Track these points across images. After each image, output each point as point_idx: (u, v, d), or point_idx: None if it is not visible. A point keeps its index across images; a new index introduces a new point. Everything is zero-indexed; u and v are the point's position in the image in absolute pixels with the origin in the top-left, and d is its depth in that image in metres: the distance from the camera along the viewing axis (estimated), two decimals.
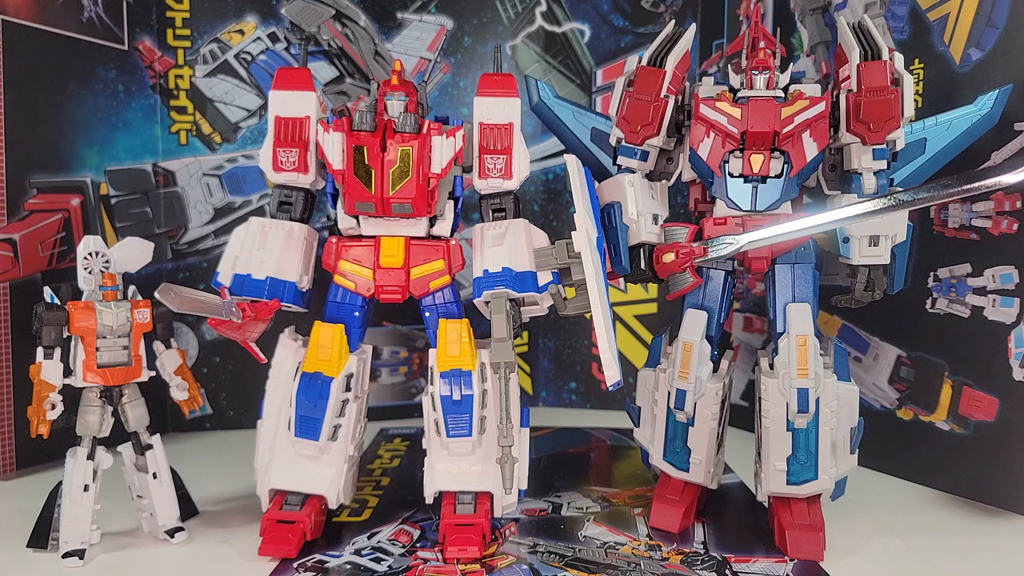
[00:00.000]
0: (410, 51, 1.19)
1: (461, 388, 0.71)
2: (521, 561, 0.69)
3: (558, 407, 1.30)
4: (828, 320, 1.01)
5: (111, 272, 0.70)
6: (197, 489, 0.81)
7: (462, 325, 0.73)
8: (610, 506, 0.83)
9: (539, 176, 1.27)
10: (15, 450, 0.92)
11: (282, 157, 0.74)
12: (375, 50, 1.17)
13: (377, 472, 0.95)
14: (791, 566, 0.68)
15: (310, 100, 0.75)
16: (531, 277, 0.72)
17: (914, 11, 0.88)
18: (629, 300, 1.26)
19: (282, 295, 0.72)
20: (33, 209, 0.95)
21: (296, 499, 0.73)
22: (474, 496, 0.73)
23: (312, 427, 0.71)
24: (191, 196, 1.11)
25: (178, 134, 1.11)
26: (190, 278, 1.12)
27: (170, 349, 0.76)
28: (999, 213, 0.81)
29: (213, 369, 1.13)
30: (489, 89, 0.75)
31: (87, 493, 0.69)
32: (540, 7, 1.25)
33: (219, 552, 0.72)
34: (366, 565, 0.69)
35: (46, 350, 0.69)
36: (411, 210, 0.72)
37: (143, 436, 0.73)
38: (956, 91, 0.85)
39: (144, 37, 1.08)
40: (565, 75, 1.26)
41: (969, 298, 0.84)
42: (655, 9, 1.21)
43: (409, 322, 1.20)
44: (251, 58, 1.12)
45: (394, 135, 0.71)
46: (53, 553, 0.70)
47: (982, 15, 0.82)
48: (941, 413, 0.88)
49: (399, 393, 1.21)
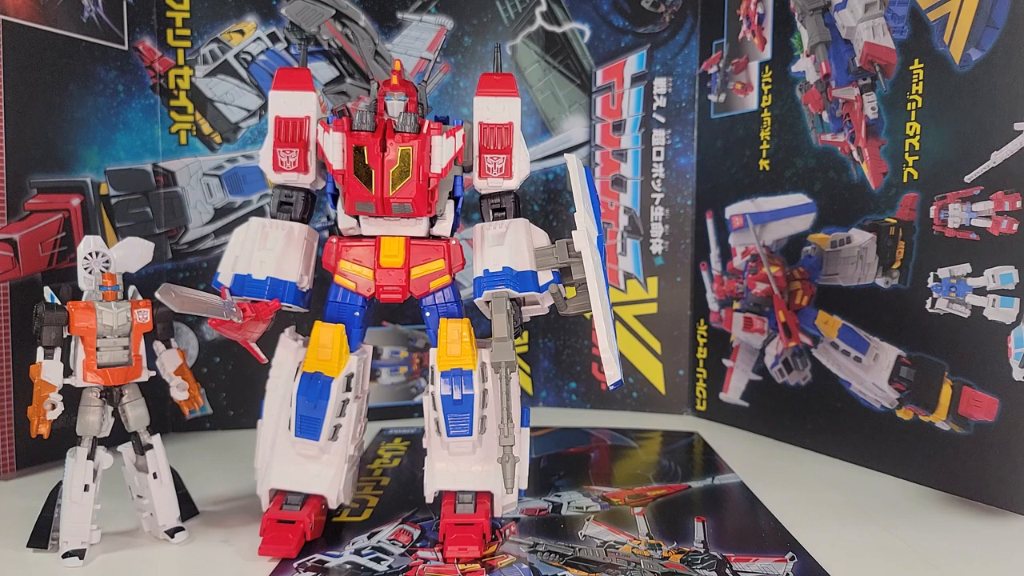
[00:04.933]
0: (410, 51, 1.19)
1: (462, 388, 0.71)
2: (521, 560, 0.69)
3: (558, 407, 1.30)
4: (828, 320, 1.01)
5: (111, 272, 0.70)
6: (197, 489, 0.81)
7: (463, 325, 0.73)
8: (610, 506, 0.83)
9: (539, 176, 1.27)
10: (15, 450, 0.92)
11: (282, 157, 0.74)
12: (375, 50, 1.17)
13: (377, 472, 0.95)
14: (791, 566, 0.69)
15: (310, 100, 0.75)
16: (532, 276, 0.72)
17: (914, 11, 0.88)
18: (629, 300, 1.26)
19: (282, 295, 0.72)
20: (33, 209, 0.95)
21: (296, 499, 0.73)
22: (474, 496, 0.73)
23: (312, 427, 0.71)
24: (191, 196, 1.11)
25: (178, 134, 1.11)
26: (190, 278, 1.12)
27: (170, 349, 0.76)
28: (999, 213, 0.81)
29: (213, 369, 1.13)
30: (489, 89, 0.75)
31: (87, 493, 0.69)
32: (540, 7, 1.25)
33: (219, 552, 0.72)
34: (366, 565, 0.68)
35: (46, 350, 0.69)
36: (411, 210, 0.72)
37: (143, 436, 0.73)
38: (956, 91, 0.85)
39: (144, 37, 1.08)
40: (565, 75, 1.26)
41: (969, 298, 0.84)
42: (655, 9, 1.21)
43: (409, 322, 1.20)
44: (251, 58, 1.12)
45: (394, 135, 0.71)
46: (53, 553, 0.70)
47: (982, 15, 0.82)
48: (941, 413, 0.88)
49: (399, 393, 1.21)
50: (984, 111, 0.82)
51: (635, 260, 1.25)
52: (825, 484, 0.91)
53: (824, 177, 1.01)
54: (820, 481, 0.92)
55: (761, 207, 1.10)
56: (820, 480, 0.92)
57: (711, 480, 0.92)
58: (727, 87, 1.15)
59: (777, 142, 1.07)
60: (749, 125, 1.11)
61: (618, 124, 1.24)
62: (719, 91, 1.16)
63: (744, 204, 1.13)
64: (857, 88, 0.96)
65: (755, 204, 1.11)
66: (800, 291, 1.05)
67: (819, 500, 0.85)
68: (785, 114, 1.06)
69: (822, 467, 0.97)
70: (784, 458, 1.01)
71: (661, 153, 1.23)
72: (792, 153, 1.05)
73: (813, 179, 1.02)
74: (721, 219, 1.17)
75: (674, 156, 1.22)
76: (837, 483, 0.91)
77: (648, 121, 1.23)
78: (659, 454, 1.04)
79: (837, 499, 0.86)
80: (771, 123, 1.08)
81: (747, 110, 1.12)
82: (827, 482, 0.91)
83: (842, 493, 0.87)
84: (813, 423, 1.04)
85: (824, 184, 1.01)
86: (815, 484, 0.91)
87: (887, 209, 0.93)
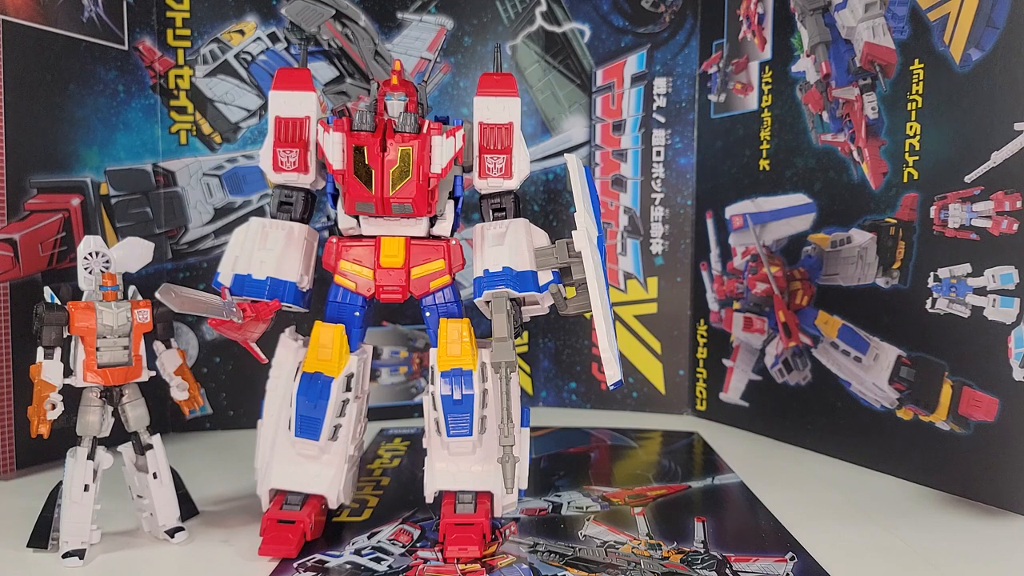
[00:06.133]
0: (410, 51, 1.19)
1: (462, 388, 0.71)
2: (521, 560, 0.69)
3: (558, 407, 1.30)
4: (828, 320, 1.01)
5: (111, 272, 0.70)
6: (197, 489, 0.81)
7: (463, 325, 0.73)
8: (610, 505, 0.83)
9: (539, 176, 1.27)
10: (15, 450, 0.92)
11: (282, 157, 0.74)
12: (375, 50, 1.17)
13: (377, 472, 0.95)
14: (791, 566, 0.68)
15: (310, 100, 0.75)
16: (532, 276, 0.72)
17: (914, 11, 0.88)
18: (629, 300, 1.26)
19: (282, 295, 0.72)
20: (33, 209, 0.95)
21: (296, 499, 0.73)
22: (474, 496, 0.73)
23: (312, 427, 0.71)
24: (191, 196, 1.11)
25: (178, 134, 1.11)
26: (190, 278, 1.12)
27: (170, 349, 0.76)
28: (999, 213, 0.81)
29: (213, 369, 1.13)
30: (489, 89, 0.75)
31: (87, 493, 0.69)
32: (540, 7, 1.25)
33: (219, 552, 0.72)
34: (366, 565, 0.68)
35: (46, 350, 0.69)
36: (411, 210, 0.72)
37: (143, 436, 0.73)
38: (956, 91, 0.85)
39: (144, 37, 1.08)
40: (565, 75, 1.26)
41: (969, 298, 0.84)
42: (655, 9, 1.21)
43: (409, 322, 1.20)
44: (251, 58, 1.12)
45: (394, 135, 0.71)
46: (53, 553, 0.70)
47: (982, 15, 0.82)
48: (941, 413, 0.88)
49: (399, 393, 1.21)
50: (984, 111, 0.82)
51: (635, 260, 1.25)
52: (825, 484, 0.91)
53: (824, 177, 1.01)
54: (820, 481, 0.92)
55: (761, 207, 1.10)
56: (820, 480, 0.92)
57: (711, 480, 0.92)
58: (727, 87, 1.15)
59: (777, 142, 1.07)
60: (749, 125, 1.11)
61: (618, 124, 1.24)
62: (719, 91, 1.16)
63: (744, 204, 1.13)
64: (857, 88, 0.96)
65: (755, 204, 1.11)
66: (800, 291, 1.05)
67: (819, 500, 0.85)
68: (785, 114, 1.06)
69: (822, 467, 0.97)
70: (784, 458, 1.01)
71: (661, 153, 1.23)
72: (792, 153, 1.05)
73: (813, 179, 1.02)
74: (721, 219, 1.17)
75: (674, 156, 1.22)
76: (837, 483, 0.91)
77: (648, 121, 1.23)
78: (659, 454, 1.04)
79: (837, 499, 0.86)
80: (771, 123, 1.08)
81: (747, 110, 1.12)
82: (827, 482, 0.91)
83: (842, 493, 0.87)
84: (813, 423, 1.04)
85: (824, 184, 1.01)
86: (815, 484, 0.91)
87: (887, 209, 0.93)
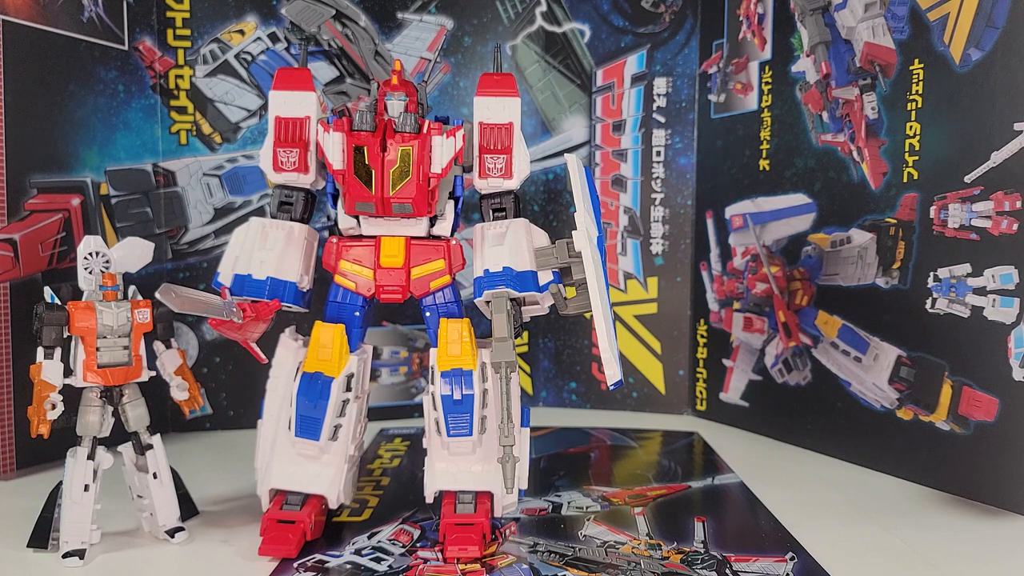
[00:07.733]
0: (410, 51, 1.19)
1: (462, 388, 0.71)
2: (521, 560, 0.69)
3: (558, 407, 1.30)
4: (828, 320, 1.01)
5: (111, 272, 0.70)
6: (197, 489, 0.81)
7: (463, 325, 0.73)
8: (610, 505, 0.83)
9: (539, 176, 1.27)
10: (15, 450, 0.92)
11: (282, 157, 0.74)
12: (375, 50, 1.17)
13: (377, 472, 0.95)
14: (791, 566, 0.68)
15: (310, 100, 0.75)
16: (532, 276, 0.72)
17: (914, 11, 0.88)
18: (629, 300, 1.26)
19: (283, 295, 0.72)
20: (33, 209, 0.95)
21: (296, 499, 0.73)
22: (474, 496, 0.73)
23: (312, 427, 0.71)
24: (191, 196, 1.11)
25: (178, 134, 1.11)
26: (190, 278, 1.12)
27: (170, 349, 0.76)
28: (999, 213, 0.81)
29: (213, 369, 1.13)
30: (489, 89, 0.75)
31: (87, 493, 0.69)
32: (540, 7, 1.25)
33: (219, 552, 0.72)
34: (366, 565, 0.68)
35: (46, 350, 0.69)
36: (411, 210, 0.72)
37: (143, 436, 0.73)
38: (956, 91, 0.85)
39: (144, 37, 1.08)
40: (565, 75, 1.26)
41: (969, 298, 0.84)
42: (655, 9, 1.21)
43: (409, 322, 1.20)
44: (251, 58, 1.12)
45: (394, 135, 0.71)
46: (53, 553, 0.70)
47: (982, 15, 0.82)
48: (941, 413, 0.88)
49: (399, 393, 1.21)
50: (984, 111, 0.82)
51: (635, 260, 1.25)
52: (825, 484, 0.91)
53: (824, 177, 1.01)
54: (820, 481, 0.92)
55: (761, 207, 1.10)
56: (820, 480, 0.92)
57: (711, 480, 0.92)
58: (727, 87, 1.15)
59: (777, 142, 1.07)
60: (749, 125, 1.11)
61: (618, 124, 1.24)
62: (719, 91, 1.16)
63: (744, 204, 1.13)
64: (857, 88, 0.96)
65: (755, 204, 1.11)
66: (800, 291, 1.05)
67: (819, 500, 0.85)
68: (785, 114, 1.06)
69: (822, 467, 0.97)
70: (784, 458, 1.01)
71: (661, 153, 1.23)
72: (792, 153, 1.05)
73: (813, 179, 1.02)
74: (721, 219, 1.17)
75: (674, 156, 1.22)
76: (837, 483, 0.91)
77: (648, 121, 1.23)
78: (659, 454, 1.04)
79: (837, 499, 0.86)
80: (771, 123, 1.08)
81: (747, 110, 1.12)
82: (827, 482, 0.91)
83: (842, 493, 0.87)
84: (813, 423, 1.04)
85: (824, 184, 1.01)
86: (815, 484, 0.91)
87: (887, 209, 0.93)
